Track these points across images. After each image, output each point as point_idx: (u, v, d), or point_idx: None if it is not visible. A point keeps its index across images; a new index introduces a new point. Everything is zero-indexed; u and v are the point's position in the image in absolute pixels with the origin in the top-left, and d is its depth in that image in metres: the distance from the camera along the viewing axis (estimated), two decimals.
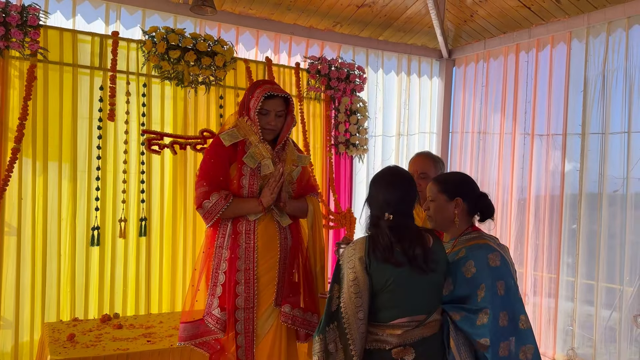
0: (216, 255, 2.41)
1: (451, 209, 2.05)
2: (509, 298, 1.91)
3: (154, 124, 3.78)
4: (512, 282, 1.95)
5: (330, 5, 4.56)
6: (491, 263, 1.92)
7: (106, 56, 3.59)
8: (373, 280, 1.80)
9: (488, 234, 2.07)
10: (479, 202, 2.08)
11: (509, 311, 1.91)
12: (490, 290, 1.88)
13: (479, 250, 1.96)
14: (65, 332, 3.04)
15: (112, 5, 4.03)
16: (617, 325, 3.94)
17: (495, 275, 1.91)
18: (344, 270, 1.84)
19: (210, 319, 2.35)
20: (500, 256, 1.95)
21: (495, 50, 5.06)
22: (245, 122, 2.42)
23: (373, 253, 1.82)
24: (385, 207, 1.87)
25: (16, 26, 3.24)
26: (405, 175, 1.95)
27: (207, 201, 2.32)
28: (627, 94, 4.00)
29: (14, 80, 3.38)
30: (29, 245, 3.41)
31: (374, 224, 1.89)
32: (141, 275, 3.74)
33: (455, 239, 2.06)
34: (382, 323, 1.82)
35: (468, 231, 2.06)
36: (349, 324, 1.78)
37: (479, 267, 1.92)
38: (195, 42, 3.72)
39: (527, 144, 4.71)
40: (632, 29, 3.98)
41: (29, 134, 3.37)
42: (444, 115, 5.50)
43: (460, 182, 2.11)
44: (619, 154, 4.02)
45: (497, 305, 1.88)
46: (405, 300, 1.82)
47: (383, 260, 1.80)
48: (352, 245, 1.87)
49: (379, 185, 1.93)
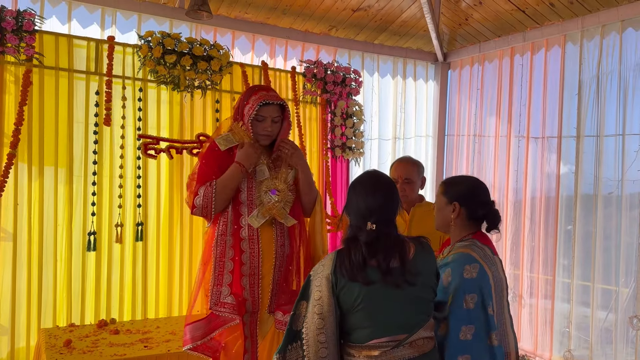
0: (219, 243, 2.34)
1: (448, 212, 2.01)
2: (477, 312, 1.82)
3: (150, 128, 3.77)
4: (488, 296, 1.86)
5: (326, 9, 4.58)
6: (465, 274, 1.85)
7: (102, 61, 3.59)
8: (340, 300, 1.67)
9: (481, 244, 1.97)
10: (482, 209, 2.00)
11: (477, 325, 1.82)
12: (456, 302, 1.82)
13: (459, 259, 1.91)
14: (61, 338, 3.03)
15: (107, 10, 4.03)
16: (613, 327, 3.96)
17: (467, 287, 1.83)
18: (312, 286, 1.71)
19: (223, 307, 2.28)
20: (479, 268, 1.87)
21: (490, 53, 5.09)
22: (240, 127, 2.41)
23: (340, 271, 1.68)
24: (368, 215, 1.73)
25: (11, 31, 3.24)
26: (387, 179, 1.83)
27: (198, 197, 2.28)
28: (621, 96, 4.03)
29: (10, 86, 3.38)
30: (25, 250, 3.40)
31: (352, 235, 1.74)
32: (138, 280, 3.73)
33: (453, 245, 2.03)
34: (357, 344, 1.68)
35: (466, 238, 2.00)
36: (308, 346, 1.66)
37: (453, 277, 1.87)
38: (191, 46, 3.72)
39: (522, 146, 4.74)
40: (625, 32, 4.01)
41: (24, 139, 3.37)
42: (439, 118, 5.52)
43: (464, 187, 2.05)
44: (614, 156, 4.05)
45: (459, 318, 1.81)
46: (380, 318, 1.67)
47: (350, 278, 1.67)
48: (323, 261, 1.75)
49: (359, 192, 1.79)
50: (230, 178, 2.30)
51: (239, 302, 2.27)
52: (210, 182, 2.29)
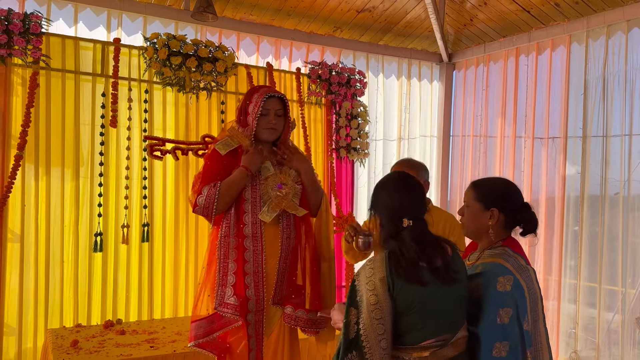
0: (222, 245, 2.35)
1: (485, 219, 1.85)
2: (512, 327, 1.71)
3: (155, 130, 3.79)
4: (524, 310, 1.74)
5: (331, 10, 4.58)
6: (499, 287, 1.73)
7: (108, 63, 3.61)
8: (397, 303, 1.61)
9: (514, 252, 1.85)
10: (520, 214, 1.87)
11: (511, 342, 1.71)
12: (489, 317, 1.71)
13: (491, 270, 1.77)
14: (68, 339, 3.05)
15: (113, 12, 4.06)
16: (619, 328, 3.94)
17: (501, 301, 1.71)
18: (361, 292, 1.63)
19: (226, 308, 2.29)
20: (513, 280, 1.74)
21: (495, 54, 5.08)
22: (237, 130, 2.43)
23: (396, 272, 1.61)
24: (402, 212, 1.68)
25: (19, 34, 3.26)
26: (415, 179, 1.79)
27: (200, 196, 2.29)
28: (627, 96, 4.01)
29: (17, 88, 3.40)
30: (32, 251, 3.42)
31: (391, 235, 1.68)
32: (144, 280, 3.75)
33: (482, 251, 1.89)
34: (408, 346, 1.64)
35: (495, 245, 1.86)
36: (371, 354, 1.58)
37: (484, 289, 1.75)
38: (196, 48, 3.74)
39: (527, 147, 4.72)
40: (631, 32, 4.00)
41: (31, 141, 3.39)
42: (444, 119, 5.51)
43: (501, 191, 1.90)
44: (620, 156, 4.03)
45: (492, 334, 1.71)
46: (433, 318, 1.64)
47: (407, 279, 1.61)
48: (370, 264, 1.66)
49: (390, 189, 1.74)
50: (235, 181, 2.32)
51: (242, 302, 2.28)
52: (215, 183, 2.30)
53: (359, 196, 4.94)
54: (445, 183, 5.47)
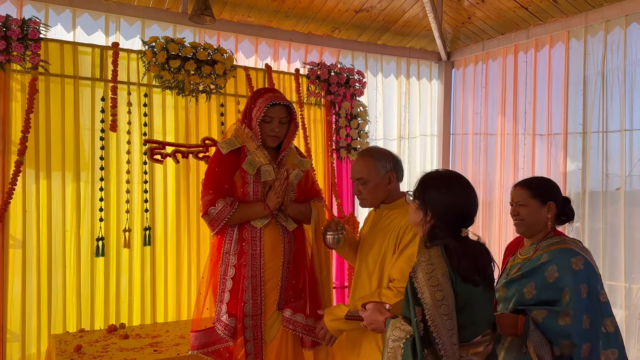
0: (223, 261, 2.41)
1: (544, 213, 2.09)
2: (591, 301, 1.95)
3: (155, 133, 3.79)
4: (597, 285, 2.00)
5: (328, 11, 4.58)
6: (574, 267, 1.95)
7: (107, 67, 3.61)
8: (457, 298, 1.63)
9: (571, 238, 2.11)
10: (565, 206, 2.12)
11: (591, 314, 1.94)
12: (574, 293, 1.92)
13: (561, 255, 1.99)
14: (72, 344, 3.04)
15: (111, 16, 4.06)
16: (623, 323, 3.93)
17: (579, 279, 1.94)
18: (422, 289, 1.62)
19: (220, 325, 2.36)
20: (583, 260, 1.98)
21: (493, 51, 5.07)
22: (243, 130, 2.43)
23: (457, 269, 1.64)
24: (462, 217, 1.69)
25: (17, 40, 3.26)
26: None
27: (213, 208, 2.33)
28: (627, 91, 4.01)
29: (16, 94, 3.40)
30: (34, 257, 3.42)
31: (451, 234, 1.68)
32: (146, 284, 3.74)
33: (537, 244, 2.09)
34: (464, 343, 1.66)
35: (549, 235, 2.10)
36: (445, 350, 1.58)
37: (561, 272, 1.96)
38: (195, 51, 3.74)
39: (527, 144, 4.72)
40: (629, 27, 3.99)
41: (31, 147, 3.39)
42: (444, 117, 5.51)
43: (552, 187, 2.15)
44: (620, 152, 4.03)
45: (580, 308, 1.91)
46: (481, 316, 1.70)
47: (464, 279, 1.64)
48: (426, 260, 1.65)
49: (455, 189, 1.72)
50: (252, 212, 2.37)
51: (232, 327, 2.33)
52: (232, 202, 2.34)
53: None
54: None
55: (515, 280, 2.08)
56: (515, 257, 2.18)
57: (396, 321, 1.72)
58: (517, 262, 2.14)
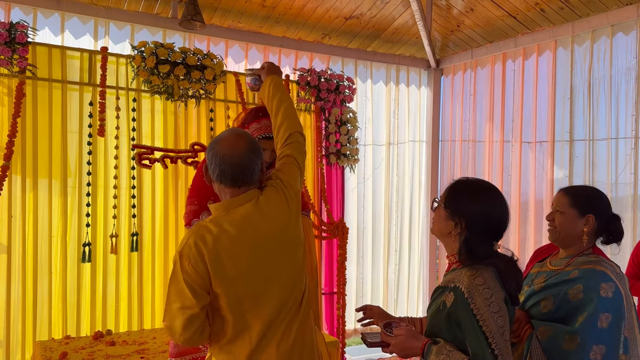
0: None
1: (580, 225, 1.88)
2: (609, 333, 1.74)
3: (144, 138, 3.77)
4: (623, 317, 1.77)
5: (319, 17, 4.60)
6: (602, 293, 1.76)
7: (95, 72, 3.59)
8: None
9: (609, 261, 1.88)
10: (611, 223, 1.91)
11: (608, 347, 1.74)
12: (590, 320, 1.74)
13: (592, 277, 1.80)
14: (57, 350, 3.01)
15: (100, 20, 4.04)
16: None
17: (602, 307, 1.75)
18: (484, 315, 1.50)
19: None
20: (615, 288, 1.78)
21: (482, 59, 5.12)
22: None
23: (509, 289, 1.55)
24: (497, 230, 1.58)
25: (4, 43, 3.24)
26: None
27: (196, 220, 2.31)
28: (612, 100, 4.06)
29: (3, 98, 3.37)
30: (19, 262, 3.38)
31: (489, 253, 1.56)
32: (133, 290, 3.72)
33: (572, 258, 1.90)
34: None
35: (587, 252, 1.89)
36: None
37: (586, 294, 1.77)
38: (184, 56, 3.73)
39: (515, 151, 4.76)
40: (615, 36, 4.05)
41: (18, 151, 3.36)
42: (433, 124, 5.55)
43: (597, 199, 1.94)
44: (606, 159, 4.08)
45: (591, 337, 1.73)
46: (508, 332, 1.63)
47: (513, 300, 1.56)
48: (482, 284, 1.52)
49: (491, 200, 1.60)
50: None
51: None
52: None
53: (348, 202, 4.94)
54: (434, 187, 5.49)
55: (535, 292, 1.95)
56: (544, 264, 2.02)
57: (441, 347, 1.56)
58: (544, 270, 1.98)
